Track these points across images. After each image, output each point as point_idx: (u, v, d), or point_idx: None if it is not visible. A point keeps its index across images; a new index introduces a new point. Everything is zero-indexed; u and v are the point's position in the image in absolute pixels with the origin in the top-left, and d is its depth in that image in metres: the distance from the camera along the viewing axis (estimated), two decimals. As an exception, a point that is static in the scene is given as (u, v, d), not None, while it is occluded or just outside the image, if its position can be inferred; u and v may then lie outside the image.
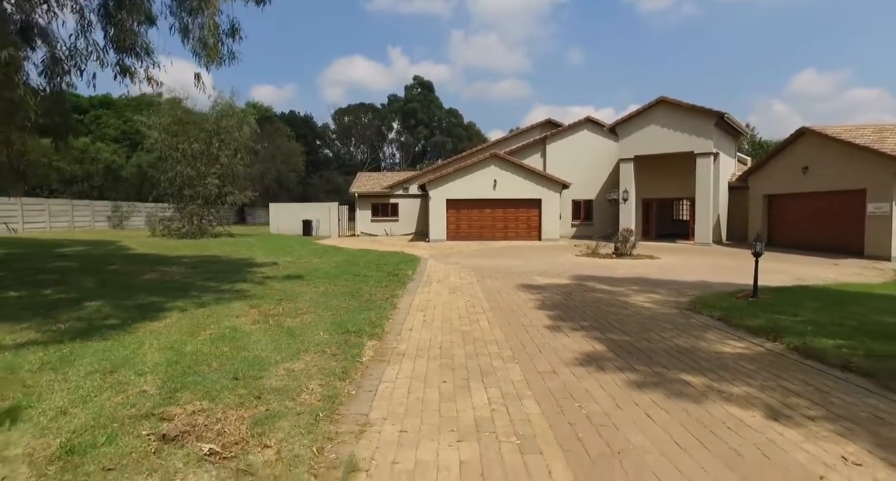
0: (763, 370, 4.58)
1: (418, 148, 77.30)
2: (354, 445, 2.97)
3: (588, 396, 3.88)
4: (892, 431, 3.26)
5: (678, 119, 21.61)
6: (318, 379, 4.03)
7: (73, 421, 3.08)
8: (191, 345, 4.90)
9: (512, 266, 13.24)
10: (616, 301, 8.16)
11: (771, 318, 6.49)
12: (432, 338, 5.64)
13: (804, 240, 18.38)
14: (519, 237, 23.80)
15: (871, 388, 4.06)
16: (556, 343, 5.49)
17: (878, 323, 6.29)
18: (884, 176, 14.79)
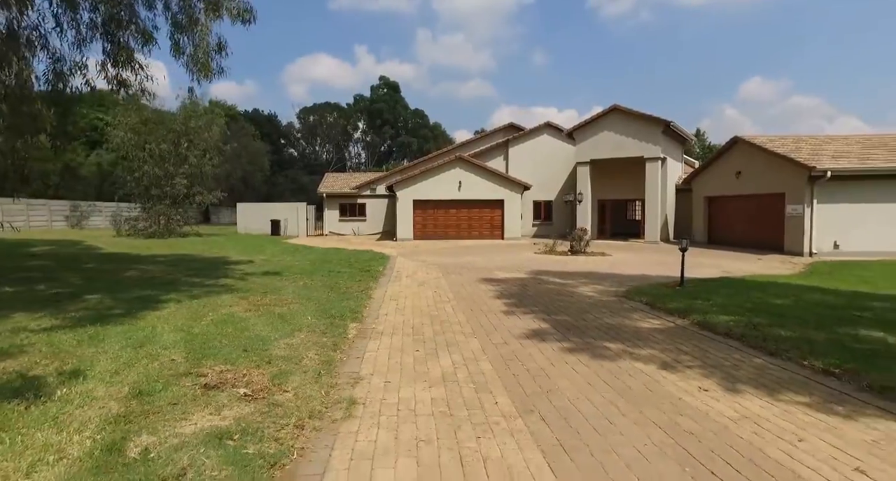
0: (668, 339, 5.81)
1: (384, 148, 77.82)
2: (351, 390, 3.95)
3: (530, 358, 4.99)
4: (737, 372, 4.51)
5: (630, 126, 23.32)
6: (314, 350, 4.97)
7: (128, 377, 3.93)
8: (198, 328, 5.74)
9: (475, 262, 14.36)
10: (565, 291, 9.37)
11: (687, 302, 7.81)
12: (405, 321, 6.65)
13: (738, 237, 20.32)
14: (483, 236, 25.02)
15: (739, 347, 5.34)
16: (509, 323, 6.60)
17: (769, 304, 7.70)
18: (799, 181, 16.72)
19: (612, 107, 24.01)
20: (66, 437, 2.88)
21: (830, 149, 18.29)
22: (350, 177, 33.17)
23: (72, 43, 8.40)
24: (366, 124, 75.93)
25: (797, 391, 4.05)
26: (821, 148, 18.46)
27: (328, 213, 29.62)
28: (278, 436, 3.01)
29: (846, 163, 16.67)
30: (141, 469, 2.55)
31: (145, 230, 25.18)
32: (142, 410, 3.31)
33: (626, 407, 3.72)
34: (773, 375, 4.47)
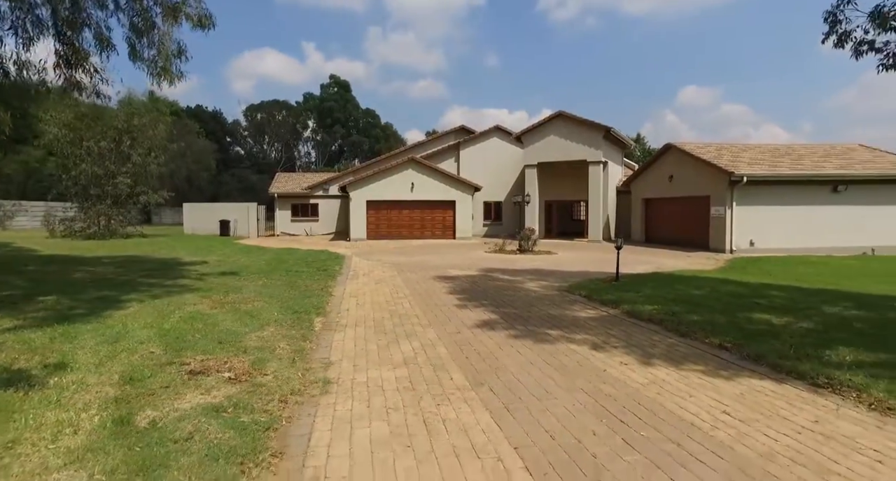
0: (601, 325, 6.66)
1: (335, 147, 76.98)
2: (325, 373, 4.47)
3: (480, 343, 5.66)
4: (653, 349, 5.38)
5: (574, 131, 24.70)
6: (284, 341, 5.42)
7: (113, 368, 4.26)
8: (168, 324, 6.02)
9: (428, 261, 14.98)
10: (513, 286, 10.16)
11: (620, 294, 8.77)
12: (366, 315, 7.17)
13: (671, 236, 22.07)
14: (435, 236, 25.68)
15: (658, 331, 6.26)
16: (461, 315, 7.26)
17: (688, 294, 8.79)
18: (721, 185, 18.49)
19: (557, 113, 25.32)
20: (74, 415, 3.24)
21: (747, 156, 20.29)
22: (302, 177, 32.94)
23: (18, 41, 8.30)
24: (316, 123, 74.86)
25: (695, 362, 4.94)
26: (739, 155, 20.43)
27: (280, 214, 29.34)
28: (266, 409, 3.50)
29: (759, 169, 18.59)
30: (154, 434, 2.98)
31: (83, 231, 24.06)
32: (137, 393, 3.69)
33: (560, 379, 4.46)
34: (681, 351, 5.37)
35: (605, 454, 3.02)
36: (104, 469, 2.57)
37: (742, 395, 4.00)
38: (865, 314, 7.07)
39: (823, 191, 18.88)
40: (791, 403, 3.83)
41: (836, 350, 5.12)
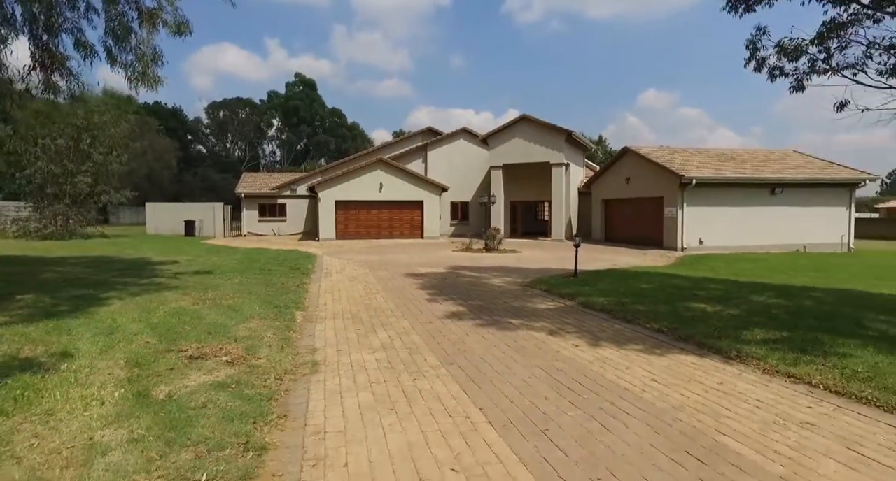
0: (558, 315, 7.40)
1: (300, 146, 76.18)
2: (312, 356, 5.00)
3: (450, 331, 6.29)
4: (601, 334, 6.15)
5: (537, 134, 25.69)
6: (271, 332, 5.90)
7: (116, 355, 4.66)
8: (156, 318, 6.38)
9: (398, 260, 15.52)
10: (479, 282, 10.85)
11: (577, 288, 9.58)
12: (343, 308, 7.69)
13: (629, 235, 23.32)
14: (403, 235, 26.19)
15: (607, 319, 7.06)
16: (432, 307, 7.88)
17: (638, 288, 9.70)
18: (673, 187, 19.80)
19: (521, 116, 26.28)
20: (95, 391, 3.67)
21: (696, 160, 21.74)
22: (269, 177, 32.80)
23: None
24: (281, 122, 73.89)
25: (636, 343, 5.73)
26: (689, 159, 21.86)
27: (247, 214, 29.19)
28: (265, 384, 4.02)
29: (707, 172, 20.00)
30: (172, 404, 3.46)
31: (39, 231, 23.36)
32: (145, 374, 4.13)
33: (519, 358, 5.14)
34: (625, 335, 6.15)
35: (553, 411, 3.70)
36: (140, 428, 3.05)
37: (669, 367, 4.78)
38: (784, 302, 8.09)
39: (763, 194, 20.48)
40: (706, 371, 4.64)
41: (752, 331, 6.01)
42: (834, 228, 21.10)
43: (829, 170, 21.32)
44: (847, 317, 6.79)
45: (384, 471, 2.76)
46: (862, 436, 3.22)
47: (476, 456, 2.96)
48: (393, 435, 3.24)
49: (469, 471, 2.79)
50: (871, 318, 6.74)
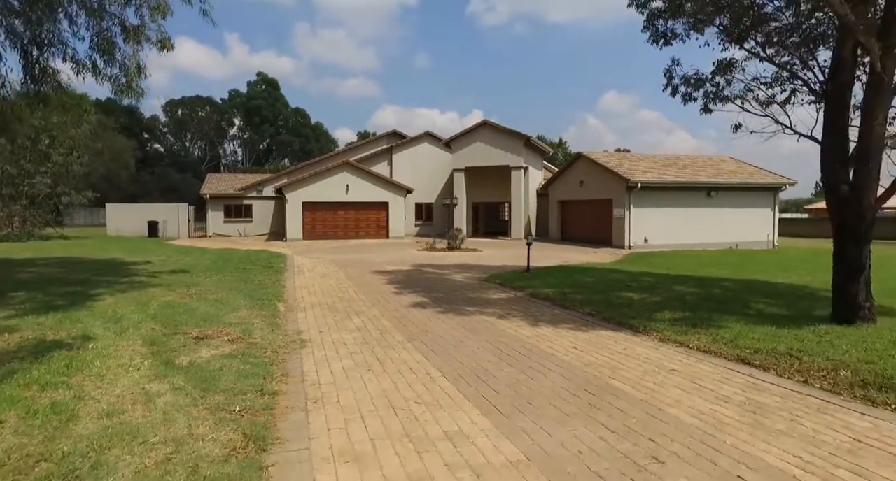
0: (509, 304, 8.59)
1: (263, 146, 75.39)
2: (299, 336, 5.97)
3: (414, 317, 7.36)
4: (542, 317, 7.38)
5: (497, 138, 27.06)
6: (258, 319, 6.82)
7: (132, 337, 5.50)
8: (152, 310, 7.16)
9: (366, 259, 16.45)
10: (441, 277, 11.96)
11: (528, 282, 10.82)
12: (319, 300, 8.64)
13: (583, 235, 24.97)
14: (369, 235, 27.04)
15: (549, 306, 8.30)
16: (399, 298, 8.93)
17: (581, 281, 11.03)
18: (621, 190, 21.53)
19: (482, 121, 27.61)
20: (128, 361, 4.55)
21: (642, 165, 23.59)
22: (235, 178, 32.92)
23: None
24: (243, 121, 72.89)
25: (568, 323, 6.96)
26: (636, 164, 23.69)
27: (212, 215, 29.30)
28: (265, 355, 4.99)
29: (651, 177, 21.82)
30: (195, 368, 4.39)
31: (-7, 233, 22.94)
32: (163, 350, 5.02)
33: (471, 335, 6.26)
34: (561, 317, 7.39)
35: (493, 368, 4.84)
36: (177, 382, 3.98)
37: (589, 339, 6.02)
38: (698, 291, 9.57)
39: (700, 196, 22.49)
40: (616, 341, 5.90)
41: (662, 313, 7.36)
42: (761, 227, 23.36)
43: (757, 175, 23.58)
44: (740, 301, 8.28)
45: (366, 404, 3.82)
46: (705, 376, 4.51)
47: (433, 395, 4.06)
48: (371, 384, 4.29)
49: (428, 403, 3.88)
50: (757, 301, 8.25)
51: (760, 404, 3.87)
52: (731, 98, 8.10)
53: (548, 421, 3.56)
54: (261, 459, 2.83)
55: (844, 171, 6.24)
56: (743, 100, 7.82)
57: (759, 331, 6.00)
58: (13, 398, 3.51)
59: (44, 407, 3.38)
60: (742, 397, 4.03)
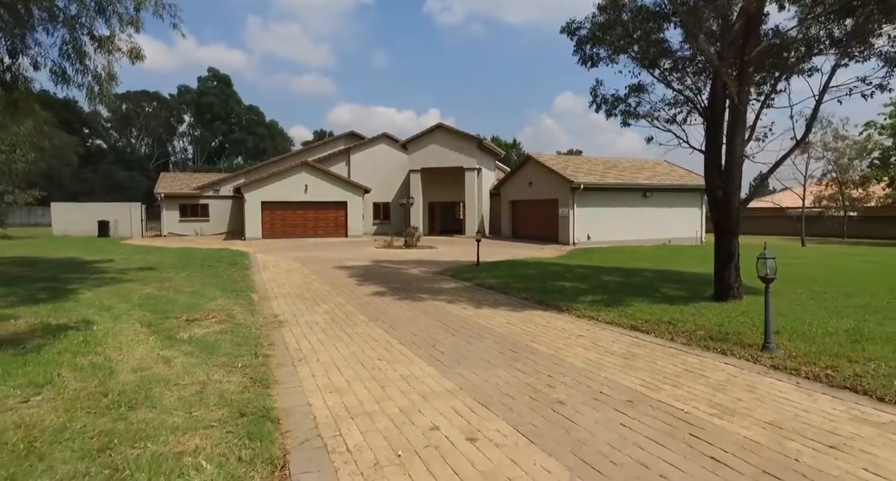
0: (457, 292, 9.82)
1: (215, 144, 73.66)
2: (276, 318, 6.96)
3: (375, 303, 8.46)
4: (485, 301, 8.65)
5: (452, 141, 28.35)
6: (237, 307, 7.72)
7: (128, 320, 6.32)
8: (135, 301, 7.91)
9: (326, 256, 17.31)
10: (398, 271, 13.07)
11: (476, 274, 12.11)
12: (289, 291, 9.58)
13: (532, 232, 26.63)
14: (328, 234, 27.71)
15: (493, 293, 9.60)
16: (360, 289, 9.99)
17: (524, 273, 12.42)
18: (566, 190, 23.30)
19: (437, 124, 28.86)
20: (134, 337, 5.43)
21: (585, 168, 25.51)
22: (190, 177, 32.65)
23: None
24: (193, 118, 70.95)
25: (506, 306, 8.27)
26: (580, 167, 25.58)
27: (167, 214, 29.08)
28: (251, 333, 5.97)
29: (593, 179, 23.71)
30: (195, 341, 5.33)
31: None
32: (161, 329, 5.90)
33: (423, 316, 7.44)
34: (501, 301, 8.68)
35: (440, 338, 6.03)
36: (185, 349, 4.93)
37: (521, 317, 7.34)
38: (621, 280, 11.14)
39: (637, 196, 24.60)
40: (543, 318, 7.24)
41: (586, 296, 8.79)
42: (691, 225, 25.79)
43: (686, 178, 25.99)
44: (652, 287, 9.87)
45: (340, 361, 4.92)
46: (602, 339, 5.90)
47: (392, 355, 5.21)
48: (342, 349, 5.40)
49: (388, 360, 5.02)
50: (666, 287, 9.87)
51: (634, 354, 5.26)
52: (643, 115, 9.65)
53: (478, 368, 4.79)
54: (267, 391, 3.90)
55: (719, 179, 7.85)
56: (652, 117, 9.37)
57: (655, 308, 7.50)
58: (56, 360, 4.38)
59: (85, 365, 4.29)
60: (623, 350, 5.41)
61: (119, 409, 3.39)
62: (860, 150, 31.78)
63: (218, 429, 3.13)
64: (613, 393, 4.08)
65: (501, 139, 73.18)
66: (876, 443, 3.12)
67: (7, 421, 3.15)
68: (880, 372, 4.29)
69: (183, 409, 3.43)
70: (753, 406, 3.78)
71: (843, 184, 32.90)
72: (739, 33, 7.47)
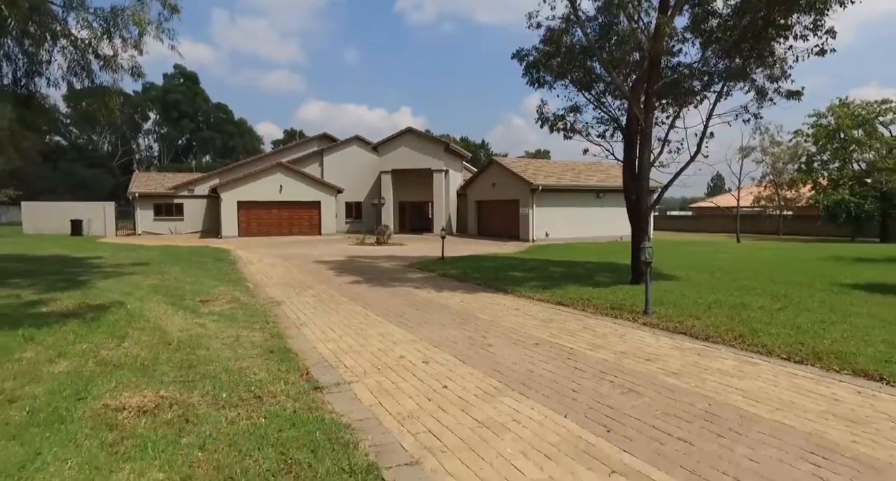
0: (423, 280, 11.51)
1: (182, 142, 73.02)
2: (273, 300, 8.50)
3: (353, 289, 10.07)
4: (444, 287, 10.39)
5: (420, 144, 30.00)
6: (238, 292, 9.20)
7: (153, 302, 7.74)
8: (148, 288, 9.26)
9: (303, 252, 18.71)
10: (372, 265, 14.66)
11: (441, 266, 13.83)
12: (277, 281, 11.07)
13: (496, 230, 28.55)
14: (303, 233, 28.95)
15: (453, 281, 11.34)
16: (339, 279, 11.56)
17: (483, 265, 14.21)
18: (526, 191, 25.29)
19: (406, 129, 30.46)
20: (165, 312, 6.88)
21: (544, 170, 27.60)
22: (164, 177, 33.22)
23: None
24: (160, 116, 70.08)
25: (463, 290, 10.02)
26: (540, 169, 27.65)
27: (142, 213, 29.69)
28: (258, 308, 7.51)
29: (551, 180, 25.79)
30: (214, 314, 6.85)
31: None
32: (183, 306, 7.36)
33: (394, 297, 9.10)
34: (458, 287, 10.42)
35: (407, 311, 7.72)
36: (211, 319, 6.45)
37: (473, 297, 9.10)
38: (566, 270, 13.05)
39: (591, 197, 26.83)
40: (490, 298, 9.01)
41: (531, 283, 10.61)
42: (639, 223, 28.18)
43: (635, 180, 28.39)
44: (589, 276, 11.79)
45: (332, 325, 6.56)
46: (533, 310, 7.73)
47: (370, 321, 6.87)
48: (332, 318, 7.03)
49: (367, 324, 6.68)
50: (600, 275, 11.83)
51: (552, 319, 7.08)
52: (579, 130, 11.56)
53: (434, 328, 6.51)
54: (283, 341, 5.50)
55: (633, 187, 9.81)
56: (586, 133, 11.30)
57: (582, 290, 9.38)
58: (118, 325, 5.85)
59: (143, 327, 5.79)
60: (545, 317, 7.23)
61: (185, 349, 4.94)
62: (792, 155, 35.13)
63: (257, 359, 4.74)
64: (527, 340, 5.87)
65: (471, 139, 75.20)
66: (675, 357, 5.00)
67: (119, 354, 4.66)
68: (708, 324, 6.24)
69: (229, 349, 5.01)
70: (616, 344, 5.64)
71: (778, 185, 36.26)
72: (645, 71, 9.43)
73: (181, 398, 3.59)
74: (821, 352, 4.97)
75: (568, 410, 3.74)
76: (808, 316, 6.71)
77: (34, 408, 3.34)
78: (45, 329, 5.55)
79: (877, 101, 30.99)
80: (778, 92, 9.96)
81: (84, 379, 3.97)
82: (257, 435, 3.04)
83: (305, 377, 4.29)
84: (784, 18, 9.07)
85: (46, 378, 4.01)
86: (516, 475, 2.80)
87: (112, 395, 3.62)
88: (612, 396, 4.04)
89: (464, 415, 3.62)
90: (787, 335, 5.69)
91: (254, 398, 3.70)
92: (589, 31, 10.65)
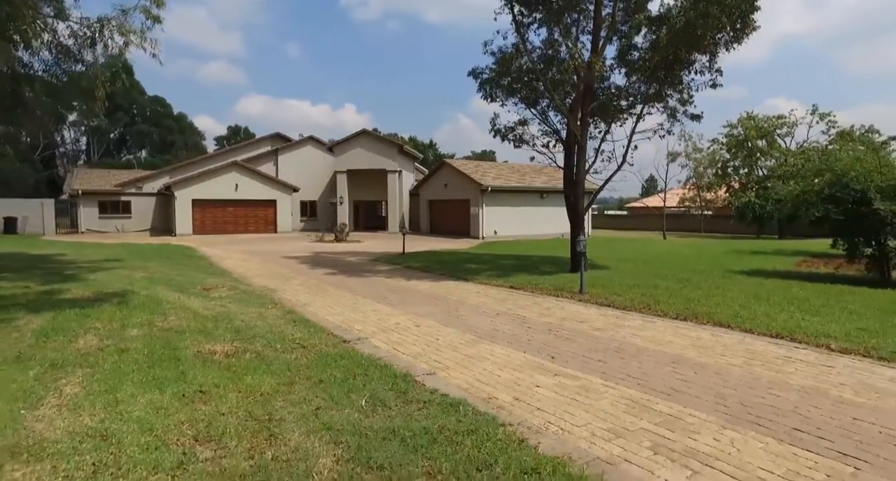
0: (391, 272, 12.93)
1: (115, 136, 69.52)
2: (267, 288, 9.66)
3: (333, 279, 11.35)
4: (412, 276, 11.90)
5: (375, 145, 31.16)
6: (230, 282, 10.24)
7: (159, 289, 8.71)
8: (144, 278, 10.11)
9: (267, 249, 19.52)
10: (339, 259, 15.88)
11: (404, 260, 15.29)
12: (258, 274, 12.13)
13: (448, 228, 30.23)
14: (259, 231, 29.36)
15: (418, 272, 12.86)
16: (315, 271, 12.76)
17: (441, 259, 15.81)
18: (476, 192, 27.15)
19: (361, 130, 31.54)
20: (177, 299, 7.93)
21: (493, 172, 29.60)
22: (108, 173, 32.32)
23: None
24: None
25: (428, 279, 11.56)
26: (488, 171, 29.62)
27: (85, 211, 28.91)
28: (259, 293, 8.69)
29: (499, 182, 27.80)
30: (224, 299, 7.99)
31: None
32: (190, 294, 8.41)
33: (371, 285, 10.49)
34: (425, 277, 11.94)
35: (388, 295, 9.16)
36: (226, 302, 7.59)
37: (439, 284, 10.67)
38: (514, 263, 14.89)
39: (536, 197, 29.11)
40: (455, 285, 10.61)
41: (486, 273, 12.31)
42: (578, 222, 30.83)
43: (574, 182, 31.05)
44: (535, 266, 13.66)
45: (329, 305, 7.91)
46: (490, 292, 9.42)
47: (359, 302, 8.28)
48: (327, 300, 8.36)
49: (357, 303, 8.08)
50: (544, 266, 13.75)
51: (507, 298, 8.79)
52: (526, 141, 13.41)
53: (415, 306, 8.02)
54: (298, 315, 6.82)
55: (572, 191, 11.76)
56: (533, 143, 13.17)
57: (530, 277, 11.18)
58: (148, 307, 6.92)
59: (174, 307, 6.89)
60: (501, 297, 8.93)
61: (224, 321, 6.17)
62: (711, 161, 39.29)
63: (287, 326, 6.07)
64: (490, 312, 7.52)
65: (419, 139, 76.57)
66: (600, 320, 6.85)
67: (173, 324, 5.83)
68: (626, 299, 8.19)
69: (259, 320, 6.29)
70: (557, 313, 7.41)
71: (700, 188, 40.38)
72: (581, 94, 11.38)
73: (250, 347, 4.90)
74: (698, 313, 6.99)
75: (525, 348, 5.41)
76: (698, 292, 8.84)
77: (150, 353, 4.55)
78: (88, 309, 6.55)
79: (774, 116, 35.52)
80: (685, 114, 12.25)
81: (163, 340, 5.17)
82: (321, 363, 4.45)
83: (331, 336, 5.69)
84: (687, 55, 11.29)
85: (130, 339, 5.17)
86: (497, 377, 4.41)
87: (197, 347, 4.87)
88: (555, 343, 5.74)
89: (455, 353, 5.19)
90: (679, 304, 7.70)
91: (301, 347, 5.07)
92: (535, 56, 12.51)
